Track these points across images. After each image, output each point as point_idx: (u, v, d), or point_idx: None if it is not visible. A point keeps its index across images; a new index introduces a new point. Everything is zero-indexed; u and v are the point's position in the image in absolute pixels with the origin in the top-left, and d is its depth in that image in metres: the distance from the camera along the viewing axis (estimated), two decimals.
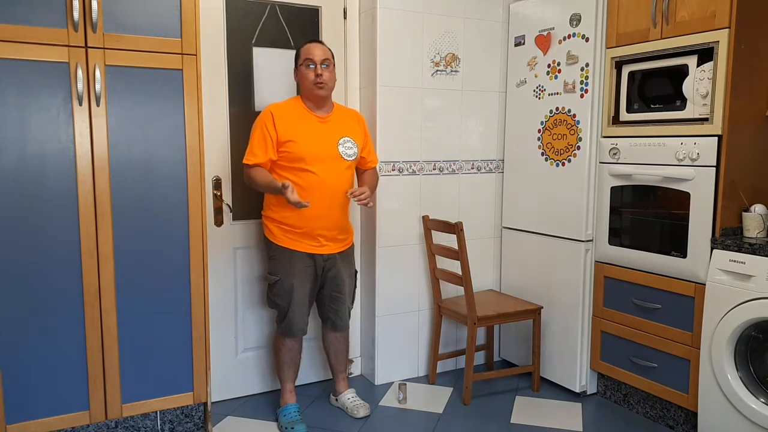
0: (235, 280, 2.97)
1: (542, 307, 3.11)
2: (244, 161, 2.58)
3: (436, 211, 3.21)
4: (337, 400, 2.93)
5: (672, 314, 2.62)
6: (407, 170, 3.14)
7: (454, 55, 3.21)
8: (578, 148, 2.94)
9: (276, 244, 2.64)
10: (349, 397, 2.88)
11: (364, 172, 2.81)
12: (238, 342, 3.01)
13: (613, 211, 2.86)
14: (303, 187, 2.53)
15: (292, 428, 2.65)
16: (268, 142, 2.54)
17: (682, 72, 2.56)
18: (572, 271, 3.00)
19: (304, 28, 3.02)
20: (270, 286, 2.70)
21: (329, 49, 2.64)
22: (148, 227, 2.39)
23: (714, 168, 2.44)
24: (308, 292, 2.68)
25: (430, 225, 3.11)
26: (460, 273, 2.90)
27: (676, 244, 2.58)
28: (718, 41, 2.39)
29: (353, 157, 2.67)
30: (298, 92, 2.77)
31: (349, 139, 2.66)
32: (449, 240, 3.07)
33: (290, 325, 2.67)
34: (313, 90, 2.58)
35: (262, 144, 2.55)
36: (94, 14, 2.20)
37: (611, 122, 2.86)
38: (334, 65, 2.63)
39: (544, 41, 3.10)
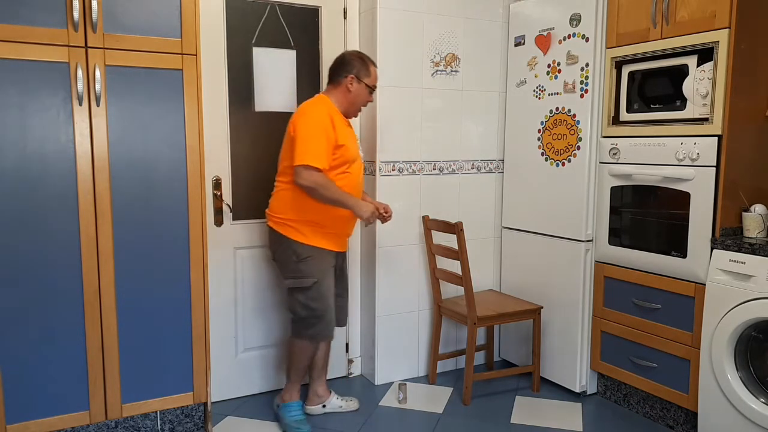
0: (235, 280, 2.97)
1: (542, 307, 3.11)
2: (313, 163, 2.37)
3: (436, 211, 3.21)
4: (324, 406, 2.86)
5: (672, 314, 2.62)
6: (407, 170, 3.14)
7: (454, 55, 3.21)
8: (578, 148, 2.94)
9: (308, 244, 2.53)
10: (337, 398, 2.89)
11: None
12: (238, 342, 3.01)
13: (613, 211, 2.86)
14: (354, 185, 2.57)
15: (299, 429, 2.64)
16: (329, 147, 2.43)
17: (682, 72, 2.56)
18: (572, 271, 3.00)
19: (304, 28, 3.02)
20: (302, 291, 2.54)
21: None
22: (148, 227, 2.39)
23: (714, 168, 2.44)
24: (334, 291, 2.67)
25: (430, 225, 3.11)
26: (460, 273, 2.90)
27: (676, 244, 2.58)
28: (718, 41, 2.39)
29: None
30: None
31: (358, 139, 2.76)
32: (449, 240, 3.07)
33: (328, 327, 2.61)
34: (356, 110, 2.64)
35: (325, 148, 2.40)
36: (94, 14, 2.20)
37: (611, 122, 2.86)
38: None
39: (544, 41, 3.10)
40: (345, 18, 3.11)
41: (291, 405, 2.71)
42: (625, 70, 2.79)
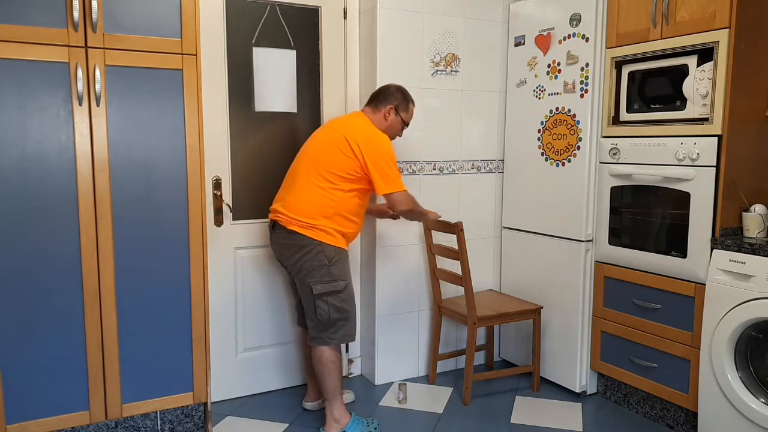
0: (235, 280, 2.97)
1: (542, 307, 3.11)
2: (403, 189, 2.53)
3: (436, 211, 3.20)
4: (323, 401, 2.80)
5: (672, 314, 2.62)
6: (407, 170, 3.14)
7: (454, 55, 3.21)
8: (578, 148, 2.94)
9: (338, 247, 2.54)
10: None
11: None
12: (238, 342, 3.01)
13: (613, 211, 2.86)
14: (365, 205, 2.64)
15: None
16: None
17: (682, 72, 2.56)
18: (572, 271, 3.00)
19: (304, 28, 3.02)
20: (336, 294, 2.51)
21: None
22: (148, 227, 2.39)
23: (714, 168, 2.44)
24: None
25: (430, 225, 3.11)
26: (460, 273, 2.90)
27: (676, 244, 2.58)
28: (718, 41, 2.39)
29: None
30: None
31: None
32: (449, 240, 3.07)
33: (354, 327, 2.61)
34: (390, 137, 2.67)
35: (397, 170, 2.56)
36: (94, 14, 2.20)
37: (611, 122, 2.86)
38: None
39: (544, 41, 3.10)
40: (345, 18, 3.11)
41: (352, 428, 2.60)
42: (625, 70, 2.79)
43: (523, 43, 3.22)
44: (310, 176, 2.50)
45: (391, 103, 2.66)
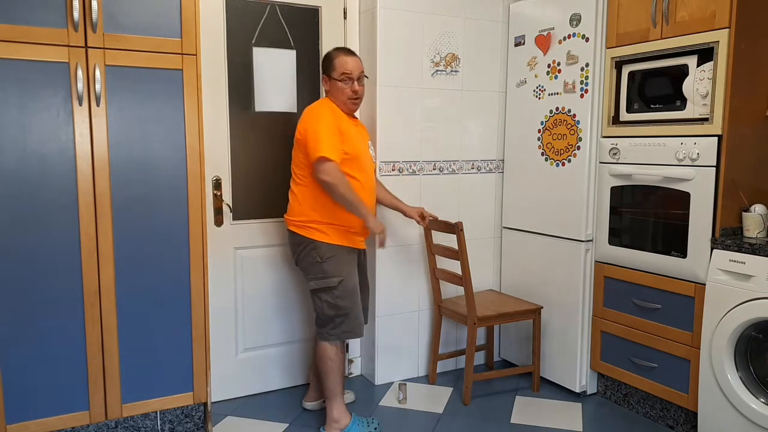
0: (235, 280, 2.97)
1: (542, 307, 3.11)
2: (324, 155, 2.36)
3: (436, 211, 3.20)
4: (324, 401, 2.80)
5: (672, 314, 2.62)
6: (407, 170, 3.14)
7: (454, 55, 3.21)
8: (578, 148, 2.94)
9: (332, 243, 2.53)
10: None
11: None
12: (238, 342, 3.01)
13: (613, 211, 2.86)
14: (363, 185, 2.55)
15: None
16: (337, 138, 2.44)
17: (682, 72, 2.56)
18: (572, 271, 3.00)
19: (304, 28, 3.02)
20: (329, 290, 2.53)
21: (360, 59, 2.63)
22: (148, 227, 2.39)
23: (714, 168, 2.44)
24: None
25: (430, 225, 3.11)
26: (460, 273, 2.90)
27: (676, 244, 2.58)
28: (718, 41, 2.39)
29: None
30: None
31: (370, 142, 2.74)
32: (449, 240, 3.07)
33: (358, 324, 2.60)
34: (347, 104, 2.58)
35: (334, 139, 2.41)
36: (94, 14, 2.20)
37: (611, 122, 2.86)
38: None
39: (544, 41, 3.10)
40: (345, 18, 3.11)
41: (352, 428, 2.60)
42: (625, 70, 2.79)
43: (523, 43, 3.22)
44: (292, 179, 2.60)
45: (323, 73, 2.61)
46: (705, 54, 2.46)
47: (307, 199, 2.53)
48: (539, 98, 3.14)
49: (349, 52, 2.61)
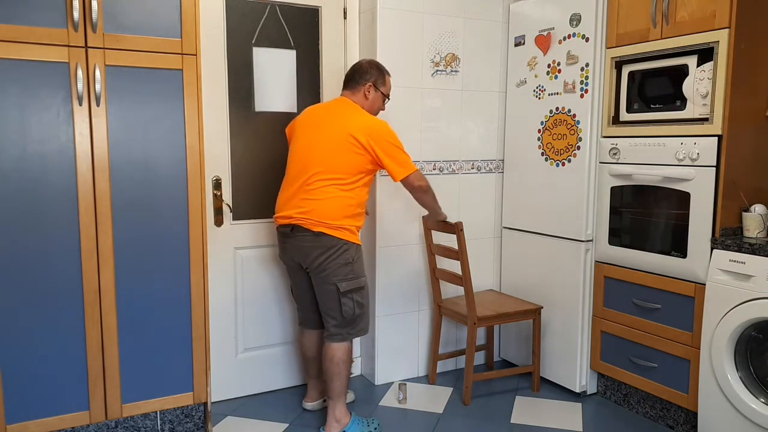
0: (235, 280, 2.97)
1: (542, 307, 3.11)
2: (416, 169, 2.58)
3: None
4: (325, 401, 2.83)
5: (672, 314, 2.62)
6: None
7: (454, 55, 3.21)
8: (578, 148, 2.94)
9: (359, 244, 2.60)
10: None
11: None
12: (238, 342, 3.01)
13: (613, 211, 2.86)
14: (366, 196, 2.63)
15: None
16: None
17: (682, 72, 2.56)
18: (572, 271, 3.00)
19: (304, 28, 3.02)
20: (359, 290, 2.57)
21: None
22: (148, 227, 2.39)
23: (714, 168, 2.44)
24: None
25: (430, 225, 3.11)
26: (460, 273, 2.90)
27: (676, 244, 2.58)
28: (718, 41, 2.39)
29: None
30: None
31: None
32: (449, 240, 3.07)
33: (368, 320, 2.67)
34: (374, 113, 2.70)
35: None
36: (94, 14, 2.20)
37: (611, 122, 2.86)
38: None
39: (544, 41, 3.10)
40: (345, 18, 3.11)
41: (352, 428, 2.61)
42: (625, 70, 2.79)
43: (523, 43, 3.22)
44: (326, 180, 2.48)
45: (368, 80, 2.64)
46: (705, 54, 2.47)
47: (350, 205, 2.51)
48: (539, 98, 3.14)
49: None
